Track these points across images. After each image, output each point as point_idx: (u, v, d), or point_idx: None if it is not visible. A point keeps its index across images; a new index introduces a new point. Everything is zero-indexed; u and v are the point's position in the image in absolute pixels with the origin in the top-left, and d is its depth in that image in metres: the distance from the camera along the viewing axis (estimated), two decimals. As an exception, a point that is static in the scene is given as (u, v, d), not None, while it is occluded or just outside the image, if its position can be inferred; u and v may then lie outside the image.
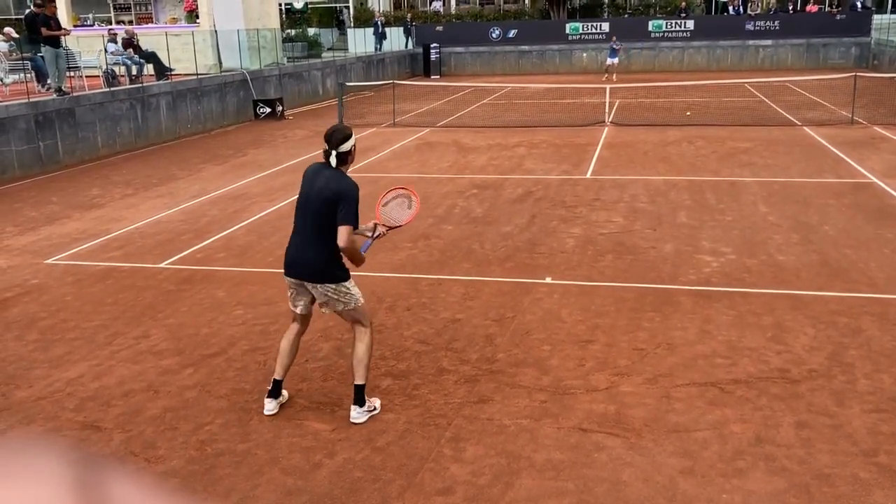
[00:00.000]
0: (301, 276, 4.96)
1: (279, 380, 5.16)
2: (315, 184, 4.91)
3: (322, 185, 4.86)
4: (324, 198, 4.80)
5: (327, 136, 4.95)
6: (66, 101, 15.05)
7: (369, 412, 5.05)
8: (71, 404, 5.37)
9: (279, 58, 24.67)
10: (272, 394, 5.17)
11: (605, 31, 35.21)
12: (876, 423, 4.78)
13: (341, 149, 4.89)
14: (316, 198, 4.85)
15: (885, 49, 30.29)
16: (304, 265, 4.94)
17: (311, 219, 4.89)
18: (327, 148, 4.90)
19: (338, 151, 4.88)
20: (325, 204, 4.80)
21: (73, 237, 9.77)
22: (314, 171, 5.00)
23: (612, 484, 4.23)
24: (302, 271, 4.96)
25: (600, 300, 7.00)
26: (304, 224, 4.95)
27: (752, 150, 14.27)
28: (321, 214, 4.82)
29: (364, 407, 5.03)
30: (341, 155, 4.90)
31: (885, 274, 7.46)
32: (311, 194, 4.90)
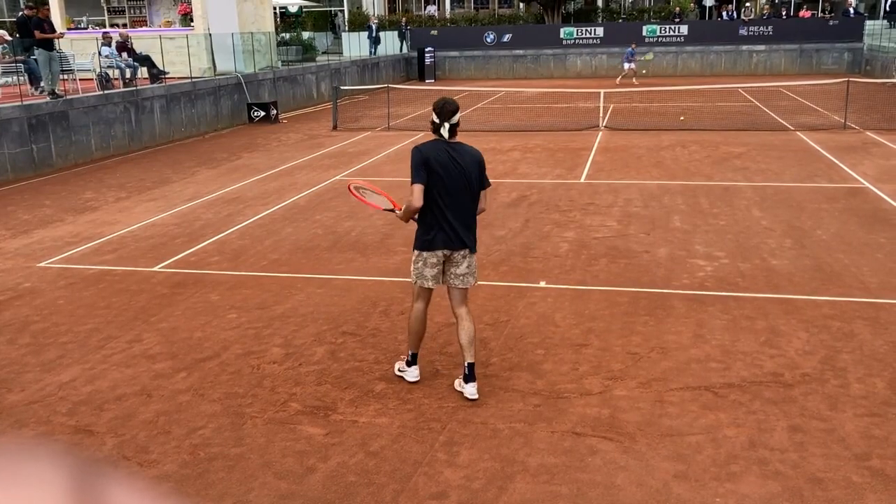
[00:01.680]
0: (463, 247, 5.21)
1: (416, 353, 5.55)
2: (461, 162, 5.12)
3: (469, 160, 5.15)
4: (472, 172, 5.13)
5: (438, 108, 5.16)
6: (59, 104, 15.02)
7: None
8: (63, 408, 5.35)
9: (273, 61, 24.66)
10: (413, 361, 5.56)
11: (599, 36, 35.33)
12: (868, 426, 4.79)
13: (452, 120, 5.15)
14: (471, 170, 5.13)
15: (877, 55, 30.44)
16: (468, 237, 5.23)
17: (471, 190, 5.16)
18: (438, 121, 5.12)
19: (451, 123, 5.14)
20: (475, 177, 5.17)
21: (66, 240, 9.74)
22: (442, 150, 5.13)
23: (605, 488, 4.23)
24: (465, 243, 5.21)
25: (594, 304, 7.01)
26: (462, 201, 5.16)
27: (746, 155, 14.32)
28: (473, 188, 5.18)
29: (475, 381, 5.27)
30: (453, 126, 5.17)
31: (878, 278, 7.48)
32: (461, 173, 5.09)
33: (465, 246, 5.20)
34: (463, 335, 5.24)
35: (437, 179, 5.07)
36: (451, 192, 5.10)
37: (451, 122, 5.11)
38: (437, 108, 5.15)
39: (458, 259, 5.21)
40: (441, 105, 5.15)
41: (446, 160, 5.08)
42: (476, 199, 5.24)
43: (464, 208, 5.16)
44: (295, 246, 9.07)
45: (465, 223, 5.18)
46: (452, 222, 5.13)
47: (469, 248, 5.23)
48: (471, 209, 5.22)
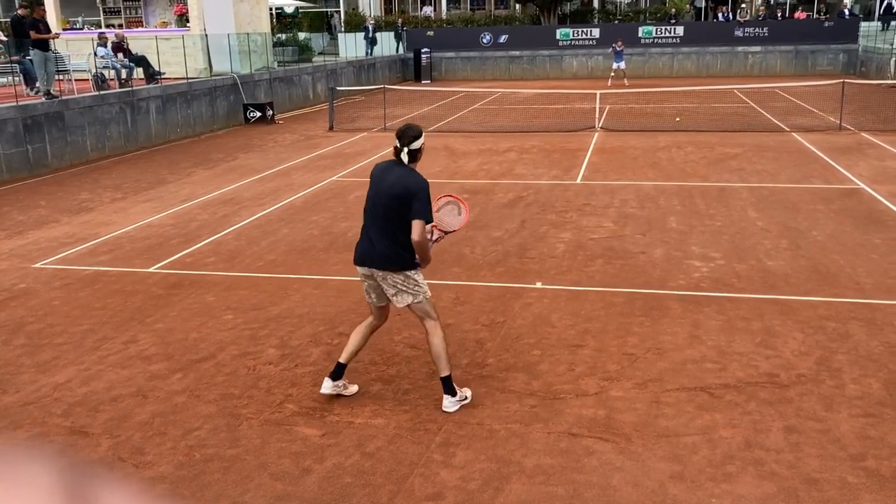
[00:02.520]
0: (371, 265, 5.11)
1: (342, 363, 5.31)
2: (386, 180, 5.07)
3: (393, 181, 5.02)
4: (394, 194, 4.96)
5: (399, 133, 5.13)
6: (54, 105, 14.99)
7: (460, 402, 5.19)
8: (58, 409, 5.34)
9: (270, 62, 24.64)
10: (331, 375, 5.31)
11: (595, 38, 35.36)
12: (864, 427, 4.80)
13: (412, 146, 5.07)
14: (386, 194, 5.01)
15: (872, 56, 30.52)
16: (374, 256, 5.09)
17: (382, 214, 5.04)
18: (399, 146, 5.07)
19: (409, 149, 5.06)
20: (396, 199, 4.96)
21: (62, 241, 9.72)
22: (384, 169, 5.18)
23: (601, 489, 4.23)
24: (372, 261, 5.10)
25: (590, 305, 7.01)
26: (374, 220, 5.11)
27: (742, 156, 14.34)
28: (392, 209, 4.98)
29: (455, 397, 5.18)
30: (412, 152, 5.08)
31: (873, 279, 7.50)
32: (380, 191, 5.06)
33: (375, 266, 5.07)
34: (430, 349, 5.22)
35: (369, 195, 5.16)
36: (369, 211, 5.16)
37: (410, 147, 5.04)
38: (399, 133, 5.12)
39: (380, 280, 5.10)
40: (402, 131, 5.12)
41: (377, 179, 5.14)
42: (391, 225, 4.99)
43: (377, 231, 5.07)
44: (291, 247, 9.06)
45: (380, 244, 5.04)
46: (368, 239, 5.13)
47: (382, 268, 5.05)
48: (384, 234, 5.02)
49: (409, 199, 4.92)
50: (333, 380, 5.30)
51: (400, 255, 5.02)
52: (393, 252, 5.01)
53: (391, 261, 5.03)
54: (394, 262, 5.03)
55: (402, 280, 5.05)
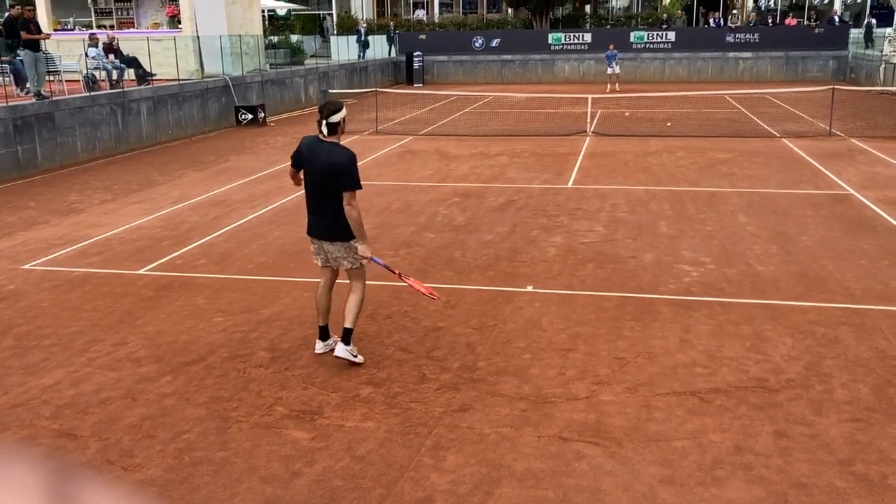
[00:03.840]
0: (319, 235, 5.77)
1: (323, 325, 5.99)
2: (317, 159, 5.58)
3: (323, 159, 5.55)
4: (326, 171, 5.53)
5: (320, 107, 5.69)
6: (45, 106, 14.92)
7: (352, 356, 5.74)
8: (47, 412, 5.30)
9: (262, 64, 24.60)
10: (321, 337, 6.03)
11: (587, 42, 35.46)
12: (852, 432, 4.82)
13: (331, 119, 5.56)
14: (320, 172, 5.57)
15: (861, 62, 30.73)
16: (320, 226, 5.74)
17: (319, 190, 5.62)
18: (319, 118, 5.58)
19: (328, 121, 5.55)
20: (329, 175, 5.53)
21: (51, 243, 9.67)
22: (311, 144, 5.69)
23: (591, 493, 4.24)
24: (318, 231, 5.77)
25: (581, 309, 7.02)
26: (315, 193, 5.70)
27: (732, 161, 14.41)
28: (326, 184, 5.55)
29: (349, 347, 5.73)
30: (331, 125, 5.58)
31: (862, 285, 7.54)
32: (314, 169, 5.61)
33: (324, 237, 5.72)
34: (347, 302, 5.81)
35: (305, 172, 5.72)
36: (308, 186, 5.74)
37: (328, 120, 5.54)
38: (320, 107, 5.72)
39: (326, 246, 5.77)
40: (322, 104, 5.73)
41: (308, 155, 5.66)
42: (330, 198, 5.57)
43: (319, 203, 5.67)
44: (282, 249, 9.04)
45: (324, 218, 5.66)
46: (313, 212, 5.77)
47: (329, 239, 5.70)
48: (325, 205, 5.61)
49: (338, 173, 5.49)
50: (324, 340, 6.00)
51: (342, 226, 5.60)
52: (335, 224, 5.62)
53: (334, 233, 5.66)
54: (338, 234, 5.65)
55: (345, 248, 5.69)
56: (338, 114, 5.61)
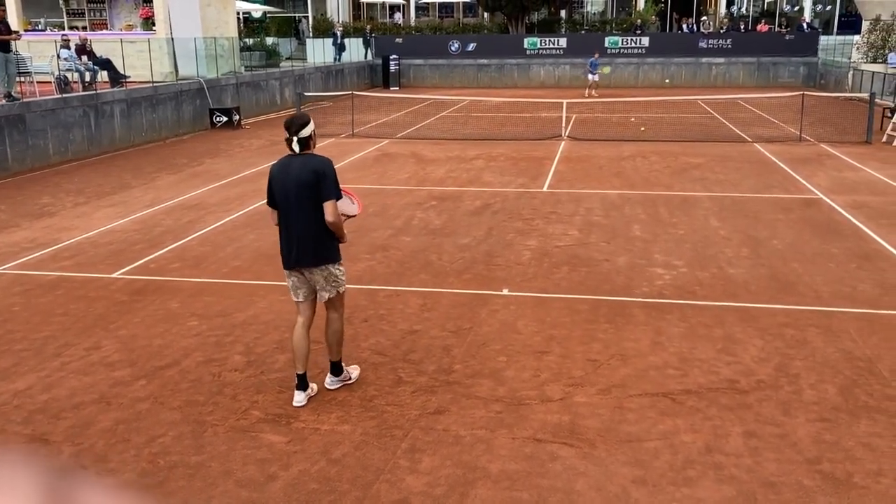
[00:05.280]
0: (302, 264, 5.23)
1: (302, 374, 5.38)
2: (291, 174, 5.13)
3: (299, 171, 5.10)
4: (305, 182, 5.06)
5: (287, 124, 5.21)
6: (15, 107, 14.73)
7: (343, 381, 5.55)
8: (18, 417, 5.25)
9: (236, 67, 24.48)
10: (299, 387, 5.39)
11: (562, 47, 35.70)
12: (820, 431, 4.92)
13: (301, 134, 5.16)
14: (297, 186, 5.08)
15: (831, 69, 31.24)
16: (308, 253, 5.19)
17: (300, 207, 5.11)
18: (288, 136, 5.16)
19: (299, 137, 5.15)
20: (307, 187, 5.06)
21: (22, 246, 9.56)
22: (283, 165, 5.26)
23: (565, 493, 4.29)
24: (304, 258, 5.20)
25: (556, 312, 7.09)
26: (295, 215, 5.15)
27: (704, 166, 14.59)
28: (307, 198, 5.07)
29: (339, 376, 5.54)
30: (302, 140, 5.18)
31: (830, 287, 7.68)
32: (289, 186, 5.12)
33: (311, 264, 5.21)
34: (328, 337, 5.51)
35: (279, 196, 5.20)
36: (285, 211, 5.19)
37: (299, 136, 5.15)
38: (286, 124, 5.20)
39: (308, 274, 5.28)
40: (289, 121, 5.22)
41: (280, 177, 5.19)
42: (313, 215, 5.11)
43: (300, 225, 5.14)
44: (257, 253, 9.01)
45: (308, 243, 5.15)
46: (295, 239, 5.18)
47: (316, 264, 5.21)
48: (309, 224, 5.12)
49: (317, 180, 5.05)
50: (303, 390, 5.37)
51: (328, 247, 5.21)
52: (322, 246, 5.18)
53: (321, 255, 5.21)
54: (326, 257, 5.22)
55: (326, 276, 5.26)
56: (307, 127, 5.20)
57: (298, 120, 5.23)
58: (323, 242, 5.18)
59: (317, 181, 5.05)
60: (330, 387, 5.50)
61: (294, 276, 5.32)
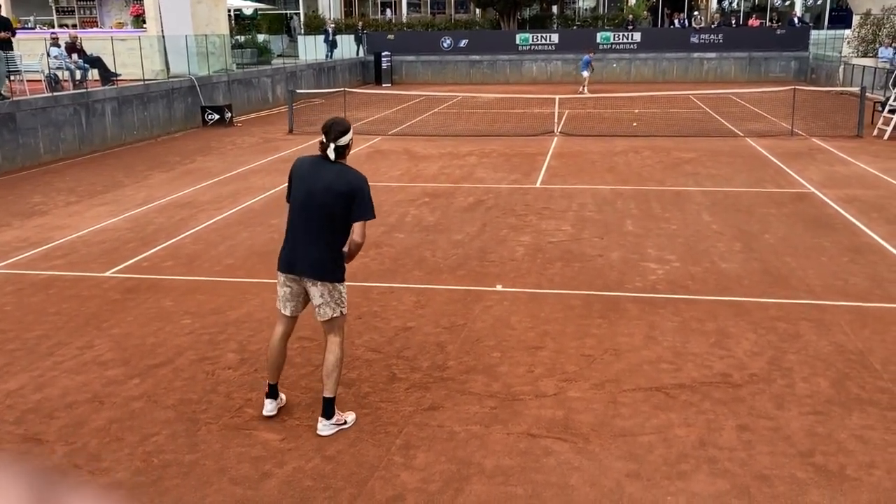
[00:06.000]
0: (304, 273, 4.84)
1: (273, 384, 5.15)
2: (321, 179, 4.77)
3: (332, 179, 4.74)
4: (337, 192, 4.70)
5: (326, 128, 4.82)
6: (5, 106, 14.66)
7: (338, 425, 4.96)
8: (10, 417, 5.23)
9: (228, 64, 24.40)
10: (270, 394, 5.16)
11: (554, 43, 35.69)
12: (813, 424, 4.94)
13: (340, 142, 4.79)
14: (325, 193, 4.72)
15: (822, 63, 31.33)
16: (308, 261, 4.81)
17: (319, 215, 4.75)
18: (325, 140, 4.78)
19: (336, 144, 4.78)
20: (338, 199, 4.70)
21: (14, 245, 9.52)
22: (312, 165, 4.86)
23: (560, 488, 4.30)
24: (305, 268, 4.83)
25: (549, 307, 7.09)
26: (309, 220, 4.80)
27: (697, 161, 14.62)
28: (333, 211, 4.72)
29: (332, 420, 4.94)
30: (340, 148, 4.80)
31: (822, 281, 7.71)
32: (316, 190, 4.75)
33: (309, 275, 4.82)
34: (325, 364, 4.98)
35: (297, 196, 4.87)
36: (299, 213, 4.85)
37: (337, 143, 4.77)
38: (325, 128, 4.83)
39: (309, 287, 4.87)
40: (329, 125, 4.83)
41: (308, 177, 4.83)
42: (329, 227, 4.76)
43: (311, 235, 4.79)
44: (250, 251, 8.99)
45: (313, 251, 4.79)
46: (299, 243, 4.84)
47: (315, 277, 4.81)
48: (321, 236, 4.77)
49: (353, 197, 4.69)
50: (274, 398, 5.16)
51: (334, 264, 4.83)
52: (328, 260, 4.80)
53: (325, 271, 4.80)
54: (327, 273, 4.81)
55: (329, 291, 4.83)
56: (346, 135, 4.80)
57: (338, 126, 4.81)
58: (331, 258, 4.81)
59: (352, 197, 4.69)
60: (322, 433, 4.88)
61: (287, 287, 4.95)
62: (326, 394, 4.92)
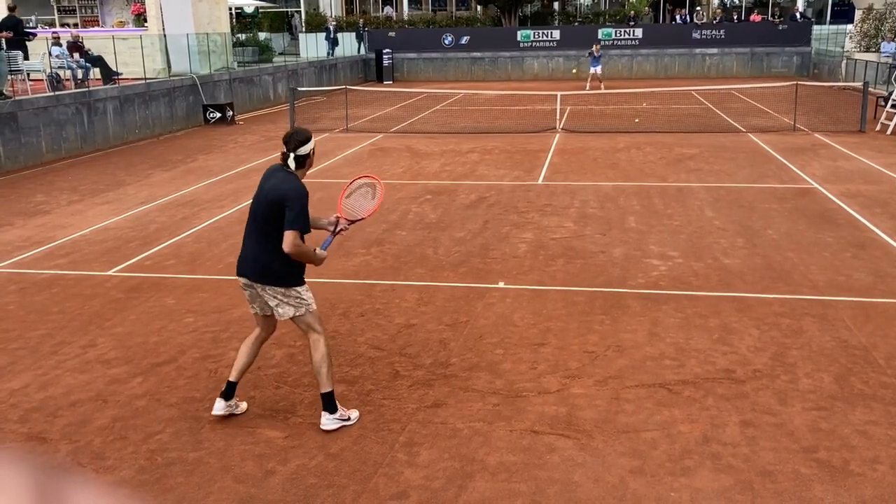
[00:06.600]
0: (248, 276, 4.89)
1: (232, 381, 5.07)
2: (266, 185, 4.86)
3: (271, 186, 4.80)
4: (269, 200, 4.73)
5: (286, 138, 4.87)
6: (7, 105, 14.67)
7: (342, 420, 4.94)
8: (15, 415, 5.24)
9: (229, 62, 24.40)
10: (223, 395, 5.08)
11: (555, 39, 35.64)
12: (816, 420, 4.94)
13: (299, 151, 4.81)
14: (263, 199, 4.79)
15: (824, 58, 31.26)
16: (252, 265, 4.85)
17: (259, 220, 4.82)
18: (285, 150, 4.83)
19: (296, 154, 4.80)
20: (270, 206, 4.71)
21: (17, 245, 9.53)
22: (271, 172, 4.96)
23: (563, 485, 4.30)
24: (249, 270, 4.88)
25: (552, 304, 7.09)
26: (254, 225, 4.88)
27: (699, 157, 14.60)
28: (266, 216, 4.74)
29: (335, 414, 4.93)
30: (299, 158, 4.82)
31: (825, 276, 7.70)
32: (259, 197, 4.85)
33: (256, 279, 4.83)
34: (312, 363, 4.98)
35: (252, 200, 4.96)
36: (249, 217, 4.95)
37: (296, 153, 4.79)
38: (285, 138, 4.88)
39: (259, 290, 4.86)
40: (288, 135, 4.88)
41: (261, 183, 4.91)
42: (269, 233, 4.72)
43: (254, 239, 4.84)
44: (253, 249, 8.99)
45: (258, 255, 4.80)
46: (246, 247, 4.91)
47: (262, 282, 4.80)
48: (261, 243, 4.78)
49: (283, 206, 4.64)
50: (226, 399, 5.05)
51: (282, 269, 4.76)
52: (273, 265, 4.74)
53: (271, 275, 4.77)
54: (275, 278, 4.77)
55: (283, 292, 4.79)
56: (307, 145, 4.82)
57: (298, 136, 4.85)
58: (279, 263, 4.72)
59: (283, 206, 4.64)
60: (325, 427, 4.89)
61: (245, 290, 4.97)
62: (322, 389, 4.93)
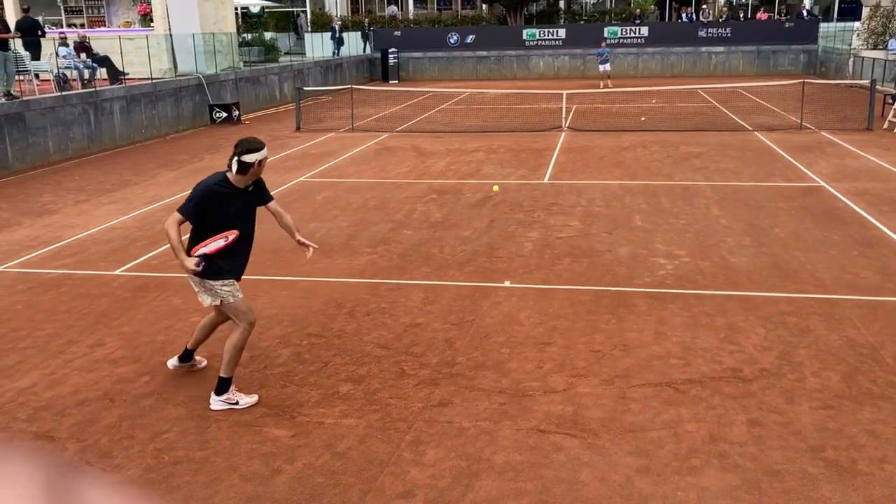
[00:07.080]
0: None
1: (189, 348, 5.69)
2: None
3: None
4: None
5: (237, 142, 5.18)
6: (15, 106, 14.73)
7: (228, 403, 5.21)
8: (23, 414, 5.27)
9: (235, 62, 24.44)
10: (180, 357, 5.73)
11: (561, 38, 35.62)
12: (823, 419, 4.92)
13: (244, 158, 5.09)
14: None
15: (831, 56, 31.15)
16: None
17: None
18: (232, 154, 5.14)
19: (238, 159, 5.09)
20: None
21: (24, 244, 9.57)
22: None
23: (570, 484, 4.30)
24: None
25: (558, 303, 7.09)
26: None
27: (705, 155, 14.57)
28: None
29: (222, 396, 5.22)
30: (242, 164, 5.10)
31: (832, 275, 7.68)
32: None
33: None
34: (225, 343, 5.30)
35: None
36: None
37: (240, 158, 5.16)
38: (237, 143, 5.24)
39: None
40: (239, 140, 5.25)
41: None
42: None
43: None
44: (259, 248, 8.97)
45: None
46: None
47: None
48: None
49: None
50: (181, 361, 5.71)
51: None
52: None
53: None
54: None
55: (198, 282, 5.18)
56: (252, 154, 5.10)
57: (248, 143, 5.16)
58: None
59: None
60: (213, 407, 5.20)
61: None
62: (221, 373, 5.24)
